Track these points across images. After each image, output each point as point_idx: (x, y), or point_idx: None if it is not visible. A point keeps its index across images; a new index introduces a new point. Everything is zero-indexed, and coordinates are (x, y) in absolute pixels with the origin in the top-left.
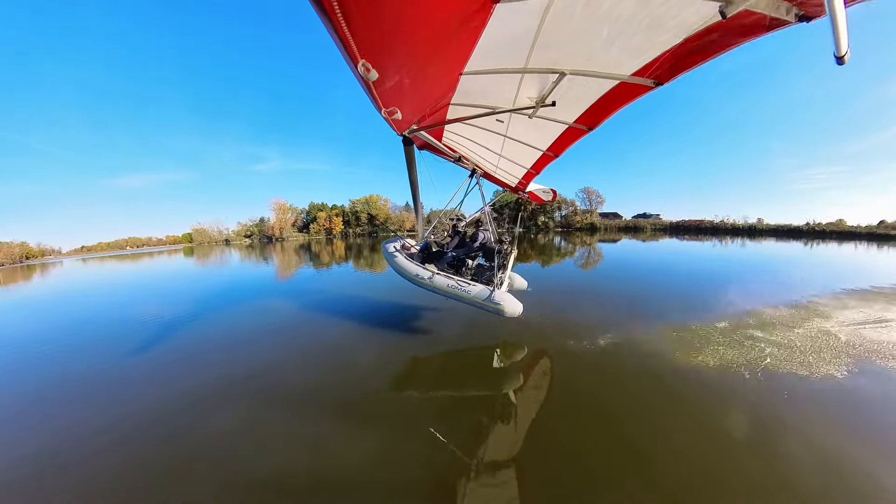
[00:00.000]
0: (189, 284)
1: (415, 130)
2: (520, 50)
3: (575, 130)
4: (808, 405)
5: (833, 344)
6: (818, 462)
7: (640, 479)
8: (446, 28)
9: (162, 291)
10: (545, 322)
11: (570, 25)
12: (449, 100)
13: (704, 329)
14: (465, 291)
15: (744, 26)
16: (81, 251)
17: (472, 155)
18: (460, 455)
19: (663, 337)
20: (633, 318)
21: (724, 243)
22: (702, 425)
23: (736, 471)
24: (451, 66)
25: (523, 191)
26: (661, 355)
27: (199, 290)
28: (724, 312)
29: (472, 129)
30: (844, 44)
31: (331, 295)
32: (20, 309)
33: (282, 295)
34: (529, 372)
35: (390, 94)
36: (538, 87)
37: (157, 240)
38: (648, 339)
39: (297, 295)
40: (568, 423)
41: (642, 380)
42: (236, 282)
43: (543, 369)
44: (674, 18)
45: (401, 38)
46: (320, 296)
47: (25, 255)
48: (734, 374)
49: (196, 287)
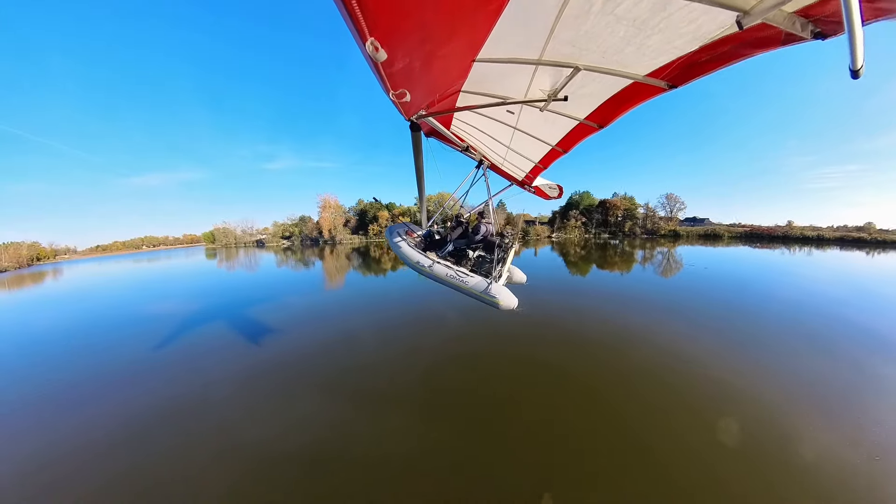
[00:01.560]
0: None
1: (423, 116)
2: (535, 41)
3: (586, 127)
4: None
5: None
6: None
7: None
8: (462, 9)
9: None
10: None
11: (588, 21)
12: (460, 86)
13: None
14: (463, 282)
15: (759, 39)
16: (97, 251)
17: (479, 145)
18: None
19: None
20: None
21: (792, 251)
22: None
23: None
24: (464, 51)
25: (530, 185)
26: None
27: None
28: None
29: (481, 118)
30: (860, 58)
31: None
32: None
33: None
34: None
35: (399, 77)
36: (551, 81)
37: (174, 239)
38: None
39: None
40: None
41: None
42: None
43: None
44: (691, 24)
45: (413, 18)
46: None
47: (36, 257)
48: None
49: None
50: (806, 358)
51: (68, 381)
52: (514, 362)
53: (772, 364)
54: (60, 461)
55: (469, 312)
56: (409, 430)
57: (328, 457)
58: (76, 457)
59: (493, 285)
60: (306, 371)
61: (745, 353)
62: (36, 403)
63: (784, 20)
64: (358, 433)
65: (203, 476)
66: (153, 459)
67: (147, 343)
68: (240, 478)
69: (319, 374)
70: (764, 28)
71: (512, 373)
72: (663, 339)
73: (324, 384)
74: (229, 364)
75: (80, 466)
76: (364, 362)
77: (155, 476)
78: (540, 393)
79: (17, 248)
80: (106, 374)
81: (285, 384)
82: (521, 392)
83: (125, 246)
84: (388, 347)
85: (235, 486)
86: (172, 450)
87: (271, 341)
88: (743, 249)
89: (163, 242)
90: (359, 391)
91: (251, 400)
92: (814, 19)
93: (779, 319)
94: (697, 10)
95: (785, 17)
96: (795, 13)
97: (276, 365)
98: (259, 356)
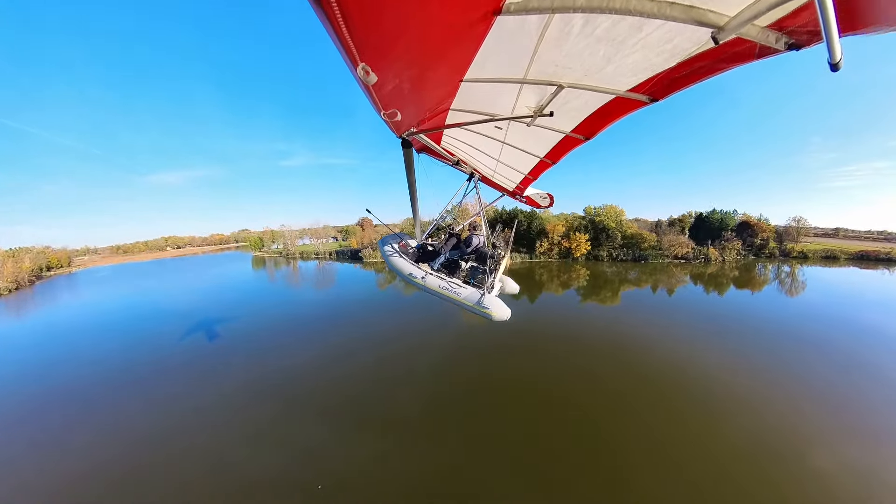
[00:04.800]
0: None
1: (414, 133)
2: (520, 61)
3: (572, 139)
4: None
5: None
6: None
7: None
8: (448, 36)
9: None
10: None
11: (568, 43)
12: (449, 105)
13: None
14: (456, 293)
15: (735, 53)
16: (117, 252)
17: (470, 159)
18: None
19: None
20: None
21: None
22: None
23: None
24: (451, 72)
25: (521, 195)
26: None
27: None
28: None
29: (471, 134)
30: (838, 52)
31: None
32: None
33: None
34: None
35: (390, 97)
36: (537, 98)
37: (201, 239)
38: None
39: None
40: None
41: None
42: None
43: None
44: (668, 43)
45: (401, 44)
46: None
47: (45, 267)
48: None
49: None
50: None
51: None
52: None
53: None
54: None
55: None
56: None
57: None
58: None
59: (486, 297)
60: None
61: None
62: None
63: (758, 34)
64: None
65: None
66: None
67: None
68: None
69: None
70: (739, 43)
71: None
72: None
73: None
74: None
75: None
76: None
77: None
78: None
79: (16, 259)
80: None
81: None
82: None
83: (147, 247)
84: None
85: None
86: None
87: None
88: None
89: (189, 243)
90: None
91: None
92: (787, 31)
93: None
94: (674, 30)
95: (759, 32)
96: (769, 27)
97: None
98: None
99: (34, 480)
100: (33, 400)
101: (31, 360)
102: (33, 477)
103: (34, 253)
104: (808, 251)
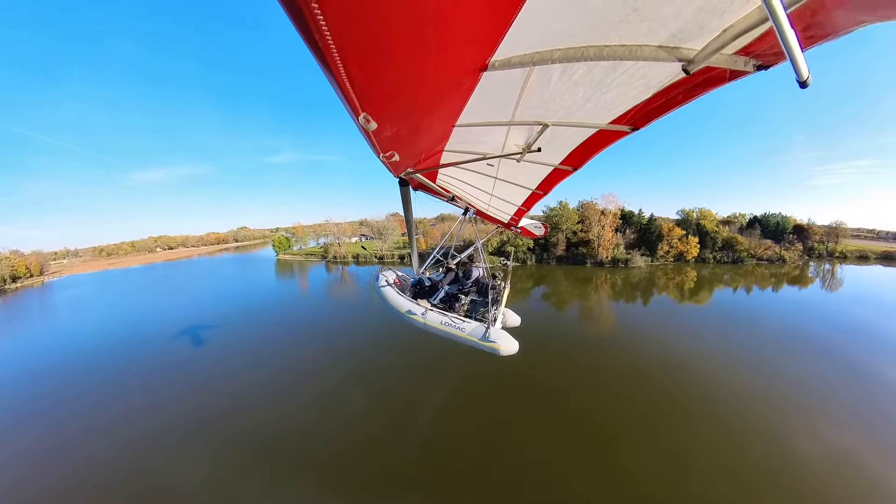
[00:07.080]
0: None
1: (411, 173)
2: (506, 107)
3: (561, 171)
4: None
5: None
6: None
7: None
8: (440, 90)
9: None
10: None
11: (549, 89)
12: (443, 146)
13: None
14: (460, 329)
15: (707, 79)
16: (100, 255)
17: (464, 195)
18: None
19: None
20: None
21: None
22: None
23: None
24: (444, 119)
25: (515, 226)
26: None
27: None
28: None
29: (464, 171)
30: (804, 70)
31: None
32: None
33: None
34: None
35: (388, 142)
36: (524, 136)
37: (195, 238)
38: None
39: None
40: None
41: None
42: None
43: None
44: (641, 78)
45: (399, 98)
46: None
47: (11, 277)
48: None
49: None
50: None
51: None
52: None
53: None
54: None
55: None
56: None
57: None
58: None
59: (491, 331)
60: None
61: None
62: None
63: (726, 61)
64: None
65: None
66: None
67: None
68: None
69: None
70: (710, 70)
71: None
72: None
73: None
74: None
75: None
76: None
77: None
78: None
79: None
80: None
81: None
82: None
83: (134, 248)
84: None
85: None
86: None
87: None
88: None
89: (181, 244)
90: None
91: None
92: (754, 55)
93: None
94: (646, 66)
95: (727, 59)
96: (736, 53)
97: None
98: None
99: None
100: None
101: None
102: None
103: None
104: (847, 251)
